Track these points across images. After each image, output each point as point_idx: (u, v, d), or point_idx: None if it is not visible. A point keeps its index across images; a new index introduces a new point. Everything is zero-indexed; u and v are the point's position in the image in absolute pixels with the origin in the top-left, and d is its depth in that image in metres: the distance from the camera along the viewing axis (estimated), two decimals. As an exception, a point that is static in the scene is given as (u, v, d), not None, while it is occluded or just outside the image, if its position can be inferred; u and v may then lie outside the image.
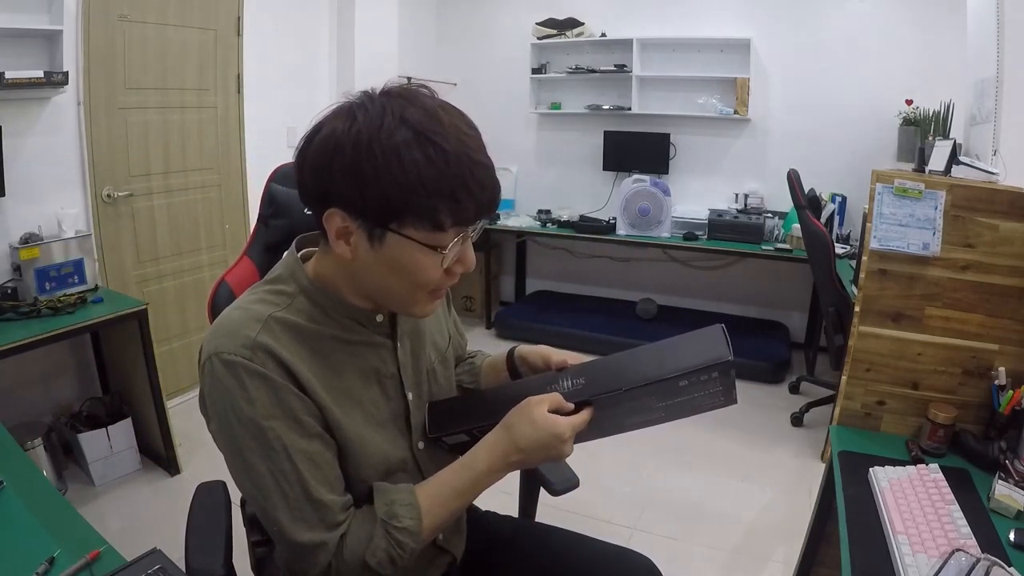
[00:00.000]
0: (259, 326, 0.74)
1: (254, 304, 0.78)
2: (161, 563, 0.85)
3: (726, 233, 3.69)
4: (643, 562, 1.07)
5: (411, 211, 0.68)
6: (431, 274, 0.74)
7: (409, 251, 0.71)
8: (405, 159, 0.66)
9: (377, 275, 0.75)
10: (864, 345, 1.46)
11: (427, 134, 0.67)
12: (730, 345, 0.78)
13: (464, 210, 0.70)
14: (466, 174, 0.68)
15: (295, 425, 0.74)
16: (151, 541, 0.96)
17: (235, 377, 0.72)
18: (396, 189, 0.67)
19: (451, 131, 0.69)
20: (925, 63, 3.37)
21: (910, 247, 1.39)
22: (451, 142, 0.68)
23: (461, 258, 0.75)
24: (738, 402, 0.81)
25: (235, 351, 0.72)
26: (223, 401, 0.73)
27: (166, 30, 2.71)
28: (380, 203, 0.68)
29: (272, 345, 0.73)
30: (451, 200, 0.68)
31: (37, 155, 2.31)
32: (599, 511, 2.26)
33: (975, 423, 1.38)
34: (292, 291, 0.80)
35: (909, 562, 0.95)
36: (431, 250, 0.71)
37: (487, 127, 0.78)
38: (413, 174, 0.66)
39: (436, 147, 0.67)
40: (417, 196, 0.67)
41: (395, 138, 0.66)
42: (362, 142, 0.67)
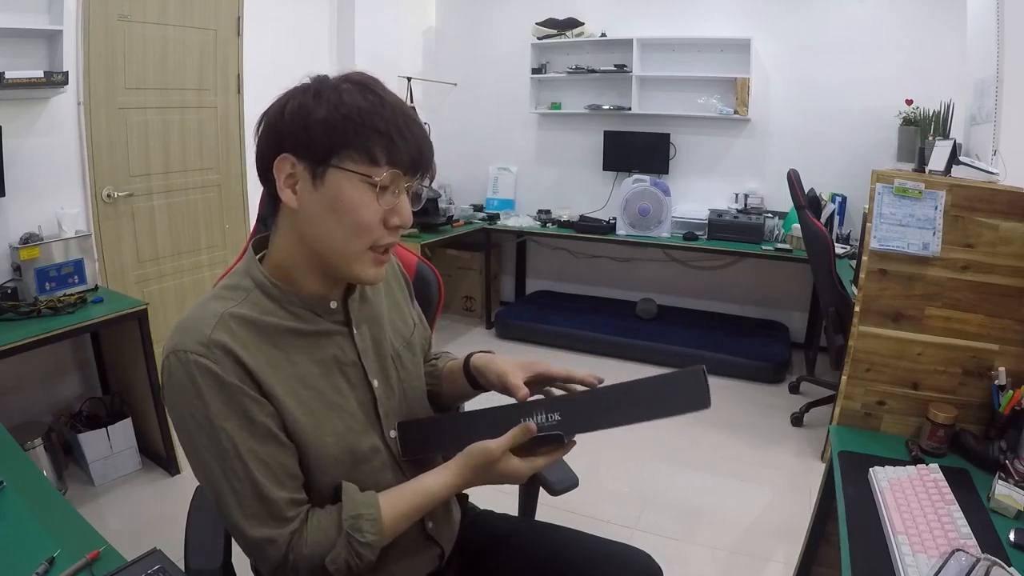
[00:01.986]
0: (215, 321, 0.77)
1: (211, 302, 0.81)
2: (161, 563, 0.85)
3: (726, 233, 3.69)
4: (644, 558, 1.07)
5: (349, 145, 0.74)
6: (367, 212, 0.76)
7: (347, 186, 0.75)
8: (345, 98, 0.75)
9: (320, 222, 0.78)
10: (864, 345, 1.46)
11: (368, 85, 0.78)
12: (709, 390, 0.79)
13: (397, 151, 0.76)
14: (399, 121, 0.76)
15: (247, 425, 0.76)
16: (151, 541, 0.96)
17: (190, 376, 0.74)
18: (338, 123, 0.74)
19: (390, 95, 0.79)
20: (925, 63, 3.37)
21: (910, 247, 1.39)
22: (388, 96, 0.78)
23: (397, 209, 0.78)
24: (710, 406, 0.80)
25: (191, 348, 0.75)
26: (180, 399, 0.76)
27: (166, 30, 2.71)
28: (323, 139, 0.74)
29: (227, 342, 0.76)
30: (385, 137, 0.75)
31: (37, 155, 2.32)
32: (599, 511, 2.26)
33: (975, 423, 1.38)
34: (247, 286, 0.83)
35: (909, 562, 0.95)
36: (367, 182, 0.75)
37: (487, 127, 0.80)
38: (353, 110, 0.74)
39: (374, 94, 0.76)
40: (355, 127, 0.74)
41: (340, 91, 0.76)
42: (309, 94, 0.77)
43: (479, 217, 4.30)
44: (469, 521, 1.14)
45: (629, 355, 3.70)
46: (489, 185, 4.59)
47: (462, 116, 4.51)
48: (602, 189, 4.32)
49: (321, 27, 3.67)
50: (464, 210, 4.26)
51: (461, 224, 4.10)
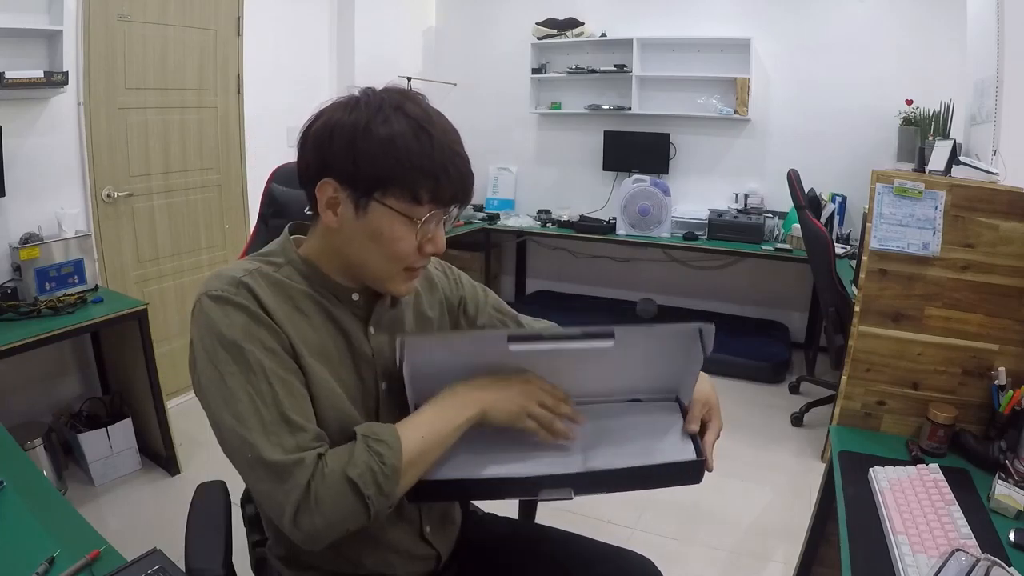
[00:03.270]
0: (245, 273, 0.82)
1: (243, 261, 0.87)
2: (161, 563, 0.85)
3: (726, 233, 3.69)
4: (643, 562, 1.07)
5: (395, 183, 0.77)
6: (405, 245, 0.80)
7: (388, 220, 0.79)
8: (398, 139, 0.76)
9: (358, 245, 0.82)
10: (864, 345, 1.46)
11: (420, 122, 0.78)
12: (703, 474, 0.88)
13: (442, 190, 0.79)
14: (448, 160, 0.78)
15: (272, 355, 0.78)
16: (151, 541, 0.96)
17: (220, 308, 0.78)
18: (386, 161, 0.76)
19: (439, 126, 0.79)
20: (925, 63, 3.37)
21: (910, 247, 1.39)
22: (438, 133, 0.78)
23: (432, 238, 0.83)
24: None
25: (221, 288, 0.79)
26: (208, 329, 0.78)
27: (166, 30, 2.71)
28: (370, 173, 0.77)
29: (254, 287, 0.80)
30: (431, 179, 0.77)
31: (37, 155, 2.32)
32: (599, 511, 2.26)
33: (975, 423, 1.38)
34: (280, 261, 0.87)
35: (909, 562, 0.95)
36: (408, 220, 0.79)
37: (487, 127, 0.82)
38: (403, 151, 0.76)
39: (426, 134, 0.77)
40: (403, 170, 0.76)
41: (391, 123, 0.77)
42: (360, 123, 0.77)
43: (479, 217, 4.30)
44: (470, 523, 1.14)
45: (629, 355, 3.69)
46: (489, 185, 4.59)
47: (462, 116, 4.42)
48: (602, 189, 4.32)
49: (321, 27, 3.67)
50: (464, 210, 4.25)
51: (461, 224, 4.10)
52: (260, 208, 1.19)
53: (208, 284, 0.81)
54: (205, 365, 0.78)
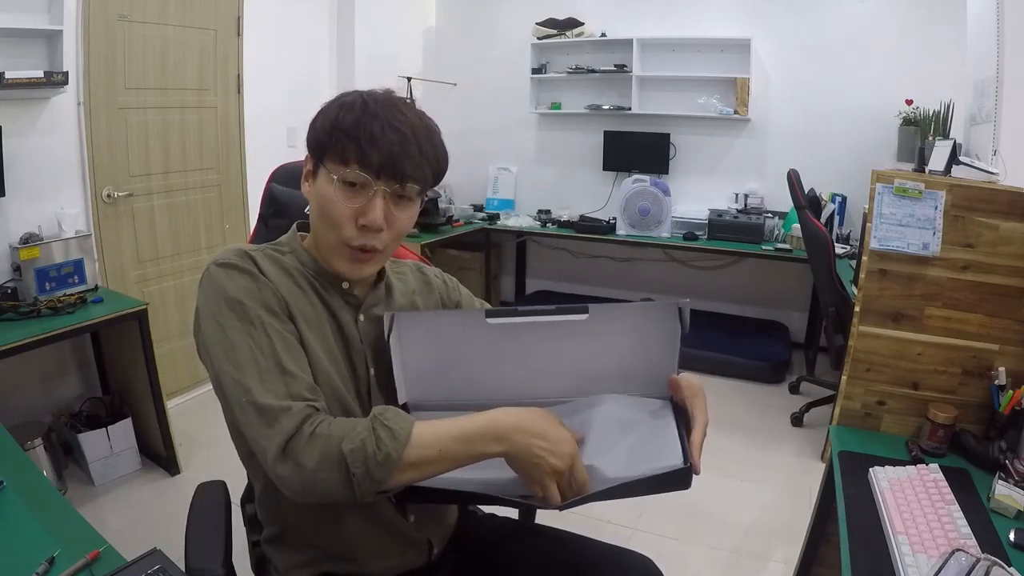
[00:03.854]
0: (251, 248, 0.89)
1: (252, 245, 0.93)
2: (161, 563, 0.85)
3: (726, 233, 3.69)
4: (644, 562, 1.07)
5: (330, 147, 0.84)
6: (338, 209, 0.84)
7: (325, 183, 0.85)
8: (340, 110, 0.84)
9: (315, 214, 0.89)
10: (864, 345, 1.46)
11: (366, 97, 0.85)
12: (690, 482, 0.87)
13: (366, 156, 0.82)
14: (376, 128, 0.82)
15: (272, 314, 0.83)
16: (151, 541, 0.96)
17: (225, 272, 0.84)
18: (324, 125, 0.85)
19: (385, 107, 0.84)
20: (925, 63, 3.37)
21: (910, 247, 1.39)
22: (380, 105, 0.84)
23: (365, 211, 0.84)
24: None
25: (227, 257, 0.86)
26: (213, 290, 0.84)
27: (166, 30, 2.71)
28: (316, 140, 0.86)
29: (257, 258, 0.87)
30: (355, 142, 0.82)
31: (37, 155, 2.31)
32: (599, 511, 2.26)
33: (975, 423, 1.38)
34: (285, 250, 0.93)
35: (909, 562, 0.95)
36: (339, 182, 0.84)
37: (487, 127, 0.82)
38: (340, 119, 0.83)
39: (367, 108, 0.83)
40: (335, 134, 0.83)
41: (344, 99, 0.85)
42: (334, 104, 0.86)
43: (479, 217, 4.30)
44: (470, 522, 1.14)
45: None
46: (489, 185, 4.60)
47: (462, 116, 4.51)
48: (602, 189, 4.32)
49: (321, 27, 3.68)
50: (464, 210, 4.26)
51: (461, 224, 4.10)
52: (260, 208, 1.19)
53: (216, 256, 0.87)
54: (209, 323, 0.83)
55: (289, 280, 0.89)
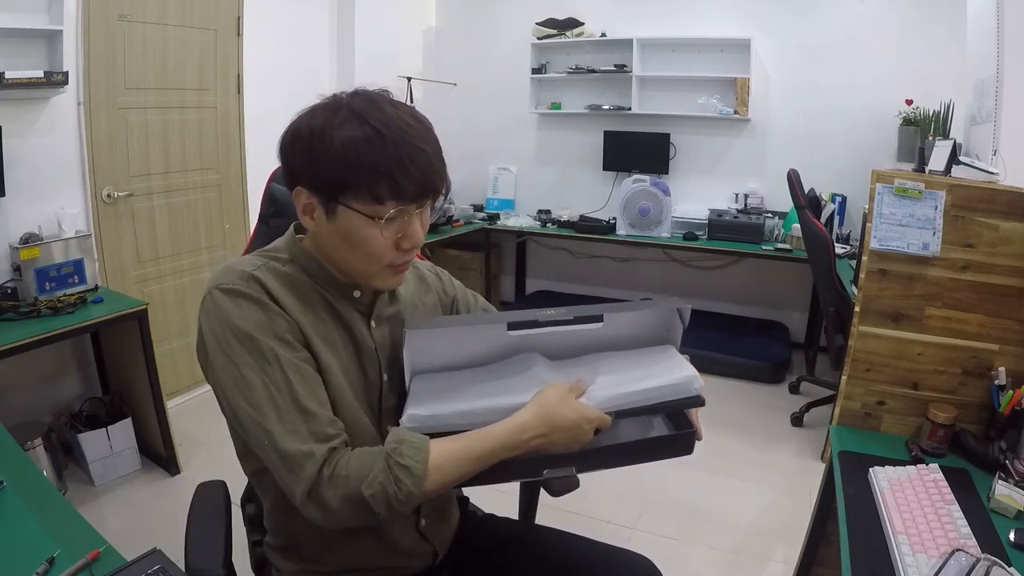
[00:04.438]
0: (254, 268, 0.84)
1: (251, 257, 0.88)
2: (161, 563, 0.85)
3: (726, 233, 3.69)
4: (643, 562, 1.07)
5: (353, 186, 0.78)
6: (377, 244, 0.81)
7: (356, 222, 0.80)
8: (350, 143, 0.77)
9: (336, 247, 0.85)
10: (864, 345, 1.46)
11: (369, 121, 0.77)
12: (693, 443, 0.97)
13: (400, 187, 0.78)
14: (403, 155, 0.77)
15: (286, 345, 0.81)
16: (151, 541, 0.96)
17: (232, 300, 0.80)
18: (342, 167, 0.77)
19: (393, 120, 0.78)
20: (925, 63, 3.36)
21: (910, 247, 1.39)
22: (391, 129, 0.77)
23: (407, 233, 0.83)
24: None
25: (231, 281, 0.81)
26: (220, 321, 0.80)
27: (166, 30, 2.71)
28: (329, 179, 0.79)
29: (263, 279, 0.83)
30: (388, 177, 0.77)
31: (37, 155, 2.31)
32: (599, 511, 2.26)
33: (975, 423, 1.38)
34: (285, 258, 0.89)
35: (909, 562, 0.95)
36: (372, 220, 0.80)
37: (487, 127, 0.81)
38: (355, 155, 0.76)
39: (378, 135, 0.77)
40: (358, 173, 0.77)
41: (344, 128, 0.77)
42: (316, 130, 0.78)
43: (479, 217, 4.30)
44: (470, 524, 1.14)
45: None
46: (489, 185, 4.60)
47: (462, 116, 4.51)
48: (602, 189, 4.32)
49: (321, 27, 3.67)
50: (464, 210, 4.26)
51: (461, 224, 4.10)
52: (260, 208, 1.19)
53: (218, 278, 0.83)
54: (218, 355, 0.80)
55: (297, 297, 0.85)
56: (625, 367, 0.95)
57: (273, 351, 0.79)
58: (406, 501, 0.77)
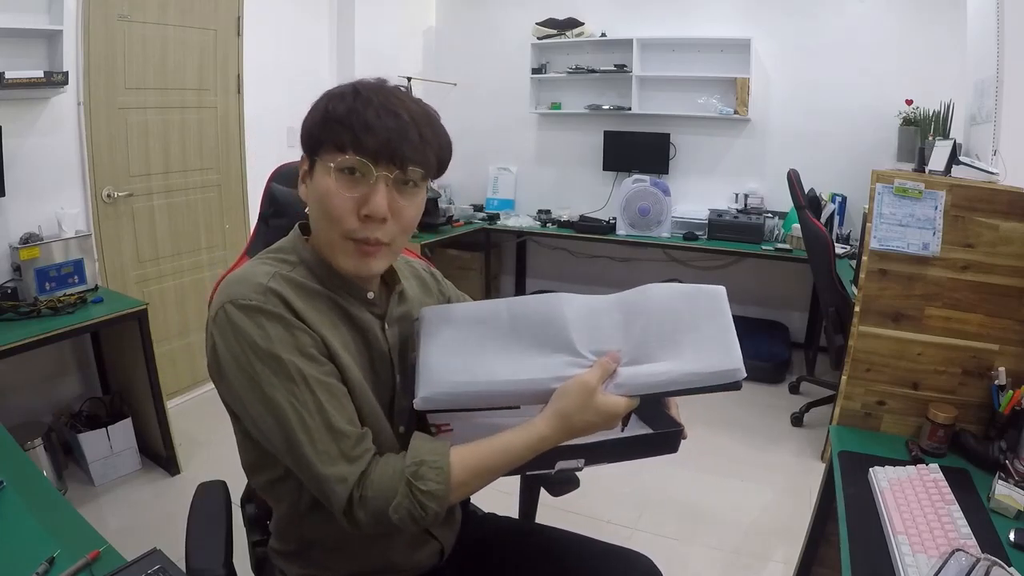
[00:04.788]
0: (268, 277, 0.81)
1: (260, 264, 0.85)
2: (161, 563, 0.85)
3: (726, 233, 3.69)
4: (643, 561, 1.07)
5: (325, 139, 0.80)
6: (337, 201, 0.79)
7: (322, 176, 0.80)
8: (332, 101, 0.80)
9: (314, 212, 0.84)
10: (864, 345, 1.46)
11: (357, 86, 0.81)
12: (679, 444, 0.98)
13: (360, 140, 0.78)
14: (371, 114, 0.78)
15: (311, 361, 0.79)
16: (151, 541, 0.96)
17: (251, 319, 0.77)
18: (319, 120, 0.81)
19: (381, 89, 0.81)
20: (925, 63, 3.37)
21: (910, 247, 1.39)
22: (374, 93, 0.80)
23: (366, 200, 0.79)
24: None
25: (248, 296, 0.78)
26: (240, 341, 0.77)
27: (166, 30, 2.71)
28: (310, 135, 0.82)
29: (281, 291, 0.80)
30: (350, 130, 0.78)
31: (37, 155, 2.31)
32: (599, 511, 2.26)
33: (975, 423, 1.38)
34: (293, 260, 0.87)
35: (909, 562, 0.95)
36: (336, 171, 0.79)
37: (487, 127, 0.80)
38: (332, 111, 0.79)
39: (359, 96, 0.79)
40: (329, 125, 0.79)
41: (335, 92, 0.81)
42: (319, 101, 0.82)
43: (479, 217, 4.30)
44: (472, 523, 1.14)
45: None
46: (489, 185, 4.59)
47: (462, 116, 4.50)
48: (602, 189, 4.31)
49: (321, 27, 3.67)
50: (464, 210, 4.26)
51: (461, 224, 4.10)
52: (260, 208, 1.19)
53: (232, 291, 0.79)
54: (239, 376, 0.78)
55: (314, 306, 0.83)
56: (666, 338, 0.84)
57: (300, 371, 0.77)
58: (434, 519, 0.79)
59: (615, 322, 0.87)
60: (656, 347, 0.84)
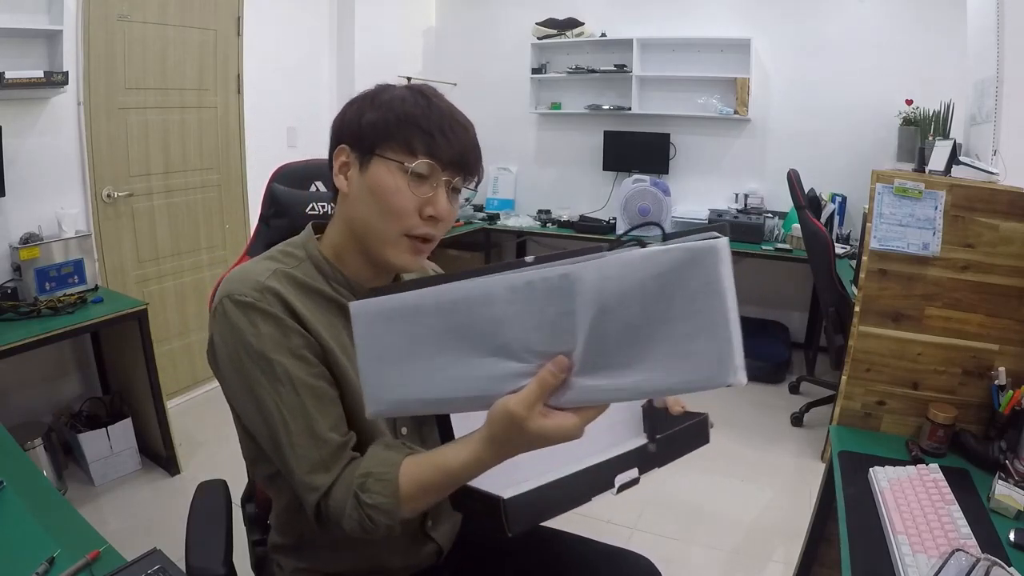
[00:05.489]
0: (268, 274, 0.83)
1: (263, 260, 0.87)
2: (161, 563, 0.85)
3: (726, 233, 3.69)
4: (643, 563, 1.07)
5: (392, 137, 0.81)
6: (401, 198, 0.80)
7: (386, 171, 0.81)
8: (397, 100, 0.82)
9: (362, 205, 0.83)
10: (864, 345, 1.46)
11: (423, 91, 0.84)
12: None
13: (437, 146, 0.80)
14: (445, 122, 0.81)
15: (300, 362, 0.79)
16: (151, 541, 0.96)
17: (245, 315, 0.79)
18: (385, 118, 0.81)
19: (442, 99, 0.84)
20: (925, 63, 3.37)
21: (910, 247, 1.39)
22: (439, 101, 0.83)
23: (432, 201, 0.82)
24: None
25: (245, 293, 0.80)
26: (234, 338, 0.79)
27: (166, 30, 2.71)
28: (371, 131, 0.81)
29: (279, 289, 0.81)
30: (426, 134, 0.80)
31: (37, 155, 2.31)
32: (599, 511, 2.26)
33: (975, 423, 1.38)
34: (300, 256, 0.89)
35: (909, 562, 0.95)
36: (401, 169, 0.80)
37: (487, 127, 0.81)
38: (400, 109, 0.81)
39: (424, 98, 0.82)
40: (399, 124, 0.80)
41: (394, 90, 0.84)
42: (369, 92, 0.85)
43: (479, 217, 4.30)
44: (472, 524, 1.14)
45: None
46: (489, 185, 4.59)
47: None
48: (602, 189, 4.31)
49: (321, 27, 3.67)
50: (464, 210, 4.26)
51: (461, 224, 4.10)
52: (261, 208, 1.19)
53: (231, 286, 0.81)
54: (230, 372, 0.81)
55: (309, 302, 0.84)
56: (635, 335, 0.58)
57: (287, 372, 0.78)
58: (388, 532, 0.76)
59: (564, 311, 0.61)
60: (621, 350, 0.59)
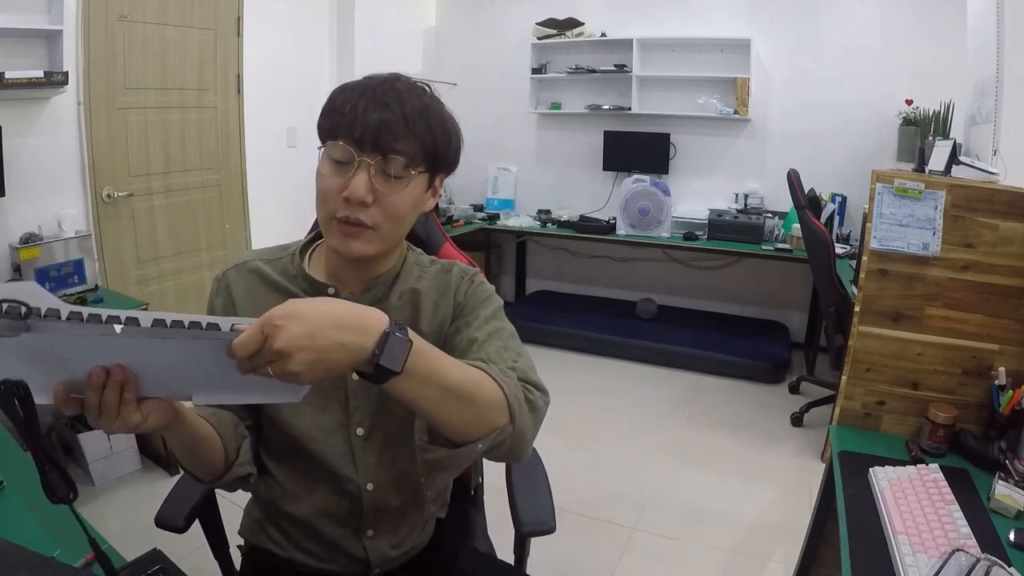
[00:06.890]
0: (237, 262, 0.96)
1: (258, 250, 1.00)
2: (161, 563, 0.85)
3: (726, 233, 3.69)
4: None
5: (322, 125, 0.86)
6: (325, 184, 0.85)
7: (320, 160, 0.87)
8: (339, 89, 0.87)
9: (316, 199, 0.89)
10: (864, 345, 1.46)
11: (367, 82, 0.86)
12: None
13: (347, 127, 0.82)
14: (362, 105, 0.82)
15: None
16: (151, 541, 0.96)
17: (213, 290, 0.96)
18: (325, 106, 0.87)
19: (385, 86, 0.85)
20: (925, 63, 3.37)
21: (910, 247, 1.39)
22: (378, 87, 0.85)
23: (348, 182, 0.83)
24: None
25: (220, 272, 0.96)
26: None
27: (166, 30, 2.71)
28: (319, 121, 0.87)
29: (230, 279, 0.94)
30: (340, 115, 0.83)
31: (37, 155, 2.31)
32: (599, 511, 2.26)
33: (975, 423, 1.38)
34: (292, 249, 0.98)
35: (909, 562, 0.95)
36: (326, 157, 0.85)
37: (487, 127, 0.80)
38: (335, 97, 0.86)
39: (359, 89, 0.85)
40: (328, 112, 0.86)
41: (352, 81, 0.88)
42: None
43: (479, 217, 4.30)
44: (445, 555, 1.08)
45: (629, 355, 3.70)
46: (489, 185, 4.59)
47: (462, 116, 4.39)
48: (602, 189, 4.31)
49: (321, 27, 3.67)
50: (464, 210, 4.26)
51: (461, 224, 4.10)
52: None
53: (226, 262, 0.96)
54: None
55: (264, 296, 0.91)
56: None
57: None
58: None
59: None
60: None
